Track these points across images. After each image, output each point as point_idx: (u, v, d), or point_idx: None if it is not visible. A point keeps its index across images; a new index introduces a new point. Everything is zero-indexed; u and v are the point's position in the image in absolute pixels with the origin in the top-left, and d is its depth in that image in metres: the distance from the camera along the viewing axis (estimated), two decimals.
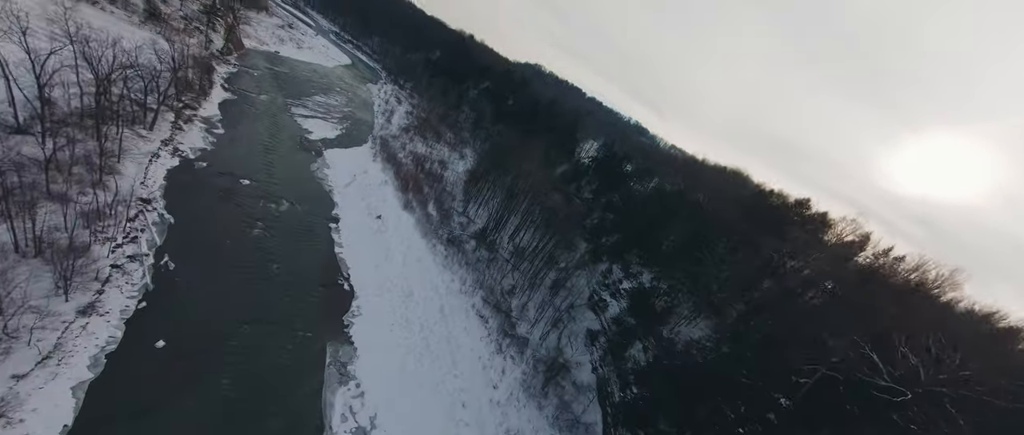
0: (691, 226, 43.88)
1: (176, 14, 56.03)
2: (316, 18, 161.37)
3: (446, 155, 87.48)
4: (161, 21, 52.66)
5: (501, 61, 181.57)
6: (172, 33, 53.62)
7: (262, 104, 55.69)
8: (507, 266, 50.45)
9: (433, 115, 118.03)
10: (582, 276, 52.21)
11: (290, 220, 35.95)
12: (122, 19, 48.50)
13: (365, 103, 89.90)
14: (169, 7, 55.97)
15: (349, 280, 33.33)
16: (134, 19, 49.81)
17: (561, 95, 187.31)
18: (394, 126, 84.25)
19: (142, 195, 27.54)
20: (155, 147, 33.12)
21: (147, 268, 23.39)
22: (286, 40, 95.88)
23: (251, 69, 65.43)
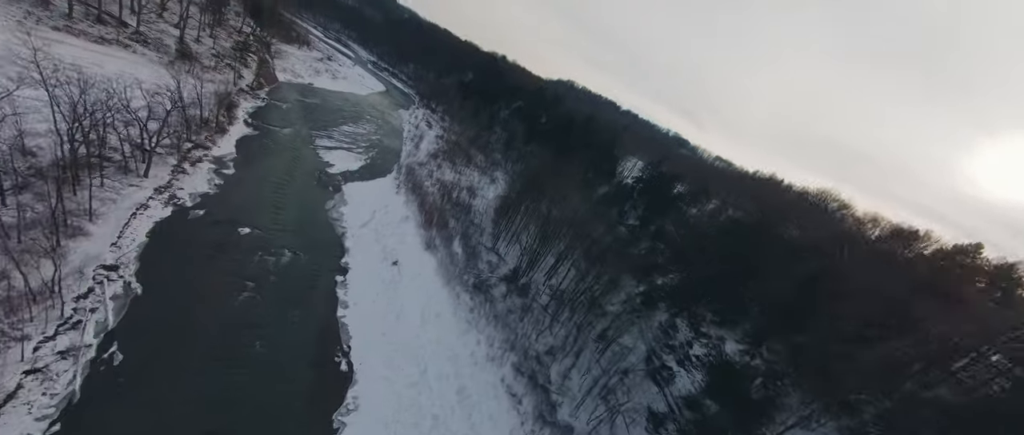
0: (792, 277, 32.89)
1: (208, 53, 55.50)
2: (355, 49, 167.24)
3: (476, 180, 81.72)
4: (192, 60, 51.91)
5: (533, 80, 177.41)
6: (201, 71, 52.84)
7: (284, 138, 52.93)
8: (544, 317, 42.03)
9: (463, 138, 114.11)
10: (634, 326, 42.46)
11: (289, 276, 30.45)
12: (153, 60, 47.75)
13: (395, 130, 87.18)
14: (202, 45, 55.66)
15: (349, 356, 26.72)
16: (164, 59, 49.05)
17: (596, 110, 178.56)
18: (422, 152, 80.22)
19: (108, 261, 22.94)
20: (146, 196, 29.24)
21: (82, 367, 18.01)
22: (322, 72, 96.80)
23: (281, 102, 64.16)
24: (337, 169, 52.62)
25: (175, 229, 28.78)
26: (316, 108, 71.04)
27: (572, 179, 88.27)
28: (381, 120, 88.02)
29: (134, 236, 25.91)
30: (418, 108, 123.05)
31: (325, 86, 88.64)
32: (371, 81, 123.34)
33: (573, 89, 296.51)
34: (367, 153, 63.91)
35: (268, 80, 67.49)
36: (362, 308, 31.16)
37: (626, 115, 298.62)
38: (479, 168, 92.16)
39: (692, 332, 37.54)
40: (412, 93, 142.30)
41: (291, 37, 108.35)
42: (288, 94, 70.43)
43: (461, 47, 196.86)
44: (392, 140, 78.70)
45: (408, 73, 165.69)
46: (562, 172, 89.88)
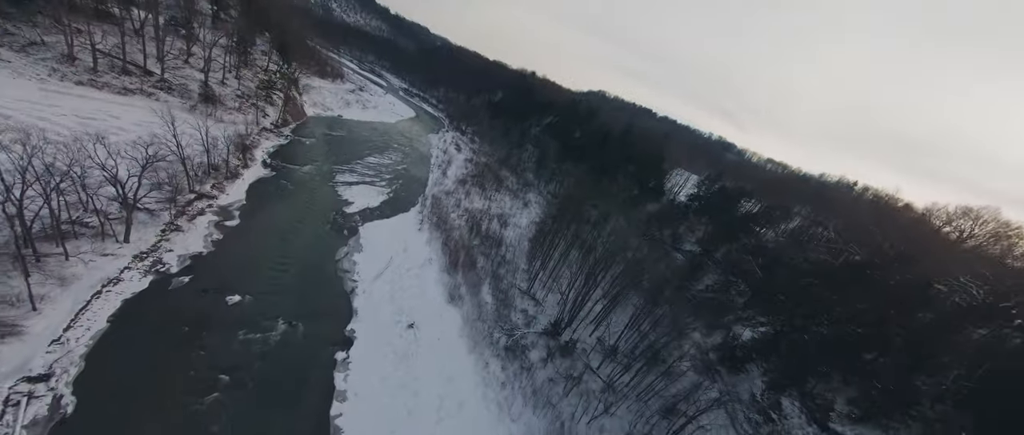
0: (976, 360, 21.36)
1: (232, 94, 54.09)
2: (388, 78, 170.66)
3: (507, 206, 74.59)
4: (214, 103, 50.36)
5: (564, 94, 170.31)
6: (224, 113, 51.19)
7: (303, 177, 49.28)
8: (595, 395, 32.72)
9: (494, 159, 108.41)
10: (719, 408, 31.86)
11: (278, 360, 24.38)
12: (176, 107, 46.19)
13: (422, 157, 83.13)
14: (226, 87, 54.46)
15: None
16: (187, 104, 47.54)
17: (632, 119, 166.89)
18: (450, 179, 74.95)
19: (37, 369, 17.88)
20: (120, 266, 24.83)
21: None
22: (352, 103, 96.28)
23: (306, 137, 61.85)
24: (356, 207, 47.78)
25: (148, 306, 23.92)
26: (342, 141, 68.39)
27: (614, 199, 78.47)
28: (409, 147, 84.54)
29: (90, 323, 21.06)
30: (448, 131, 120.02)
31: (354, 117, 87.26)
32: (401, 108, 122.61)
33: (605, 99, 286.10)
34: (391, 185, 59.19)
35: (295, 116, 65.84)
36: (365, 399, 24.25)
37: (664, 122, 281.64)
38: (511, 192, 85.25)
39: (813, 425, 26.41)
40: (442, 117, 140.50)
41: (325, 72, 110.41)
42: (315, 128, 68.53)
43: (490, 68, 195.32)
44: (419, 168, 74.20)
45: (438, 97, 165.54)
46: (603, 191, 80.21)
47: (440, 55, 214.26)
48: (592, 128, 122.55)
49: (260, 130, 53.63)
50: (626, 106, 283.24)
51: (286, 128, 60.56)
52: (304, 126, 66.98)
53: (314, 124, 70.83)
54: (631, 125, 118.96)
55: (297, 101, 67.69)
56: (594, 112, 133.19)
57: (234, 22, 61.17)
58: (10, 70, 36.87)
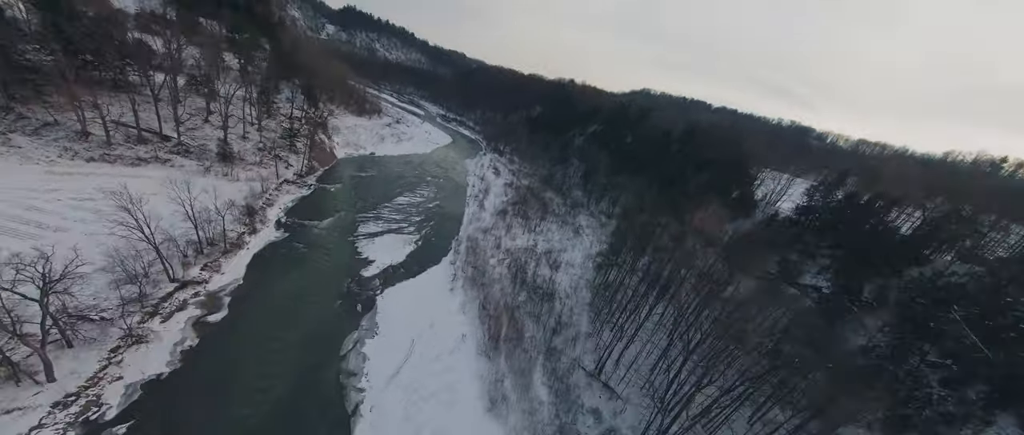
0: None
1: (253, 148, 50.02)
2: (425, 106, 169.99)
3: (556, 238, 62.57)
4: (232, 161, 46.19)
5: (607, 98, 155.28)
6: (243, 169, 46.86)
7: (320, 235, 42.47)
8: None
9: (535, 179, 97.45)
10: None
11: None
12: (191, 170, 42.30)
13: (457, 187, 74.89)
14: (247, 142, 50.63)
15: None
16: (203, 166, 43.51)
17: (686, 115, 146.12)
18: (488, 212, 65.32)
19: None
20: (32, 423, 17.62)
21: None
22: (386, 138, 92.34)
23: (331, 183, 56.42)
24: (377, 267, 39.48)
25: None
26: (371, 182, 62.33)
27: (693, 216, 62.74)
28: (443, 178, 76.97)
29: None
30: (485, 154, 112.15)
31: (388, 152, 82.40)
32: (438, 135, 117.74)
33: (651, 98, 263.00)
34: (420, 230, 50.76)
35: (323, 161, 61.18)
36: None
37: (722, 113, 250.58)
38: (558, 217, 73.14)
39: None
40: (479, 138, 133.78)
41: (363, 109, 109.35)
42: (344, 171, 63.48)
43: (526, 83, 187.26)
44: (453, 202, 65.61)
45: (475, 119, 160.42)
46: (674, 207, 64.94)
47: (475, 78, 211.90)
48: (645, 131, 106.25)
49: (280, 184, 48.54)
50: (676, 102, 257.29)
51: (312, 176, 55.52)
52: (333, 171, 62.15)
53: (344, 166, 66.09)
54: (693, 122, 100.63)
55: (325, 145, 63.27)
56: (645, 113, 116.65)
57: (260, 73, 58.37)
58: (19, 156, 34.47)
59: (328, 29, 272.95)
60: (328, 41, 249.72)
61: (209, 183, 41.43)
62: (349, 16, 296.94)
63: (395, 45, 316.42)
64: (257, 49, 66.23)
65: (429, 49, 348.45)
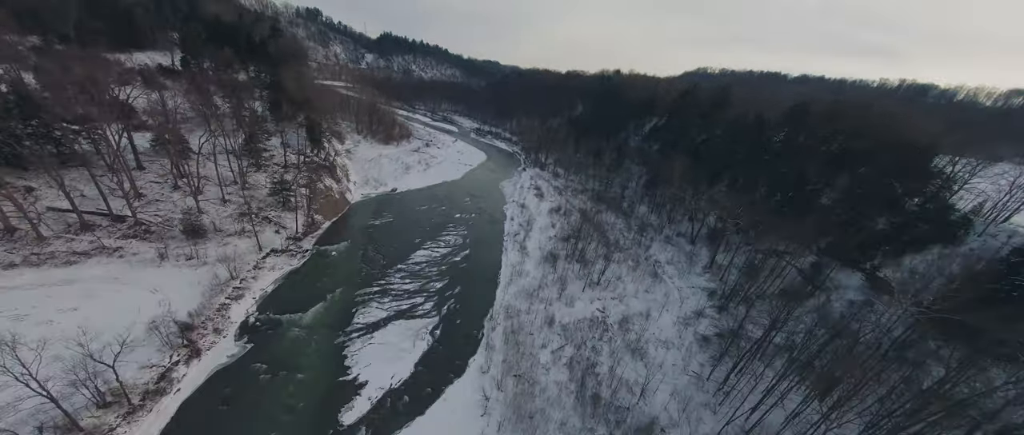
0: None
1: (235, 213, 39.45)
2: (459, 122, 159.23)
3: (630, 290, 43.88)
4: (202, 237, 35.69)
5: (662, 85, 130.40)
6: (218, 244, 36.20)
7: (297, 340, 29.59)
8: None
9: (587, 196, 78.75)
10: None
11: None
12: (141, 261, 32.18)
13: (492, 223, 59.57)
14: (228, 205, 40.27)
15: None
16: (159, 250, 33.20)
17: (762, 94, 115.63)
18: (532, 259, 48.92)
19: None
20: None
21: None
22: (413, 166, 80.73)
23: (335, 243, 44.48)
24: (367, 395, 25.25)
25: None
26: (385, 233, 49.58)
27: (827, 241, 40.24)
28: (475, 212, 62.29)
29: None
30: (524, 170, 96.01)
31: (412, 185, 70.15)
32: (471, 154, 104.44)
33: (711, 77, 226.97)
34: (440, 308, 36.04)
35: (330, 211, 49.83)
36: None
37: (807, 83, 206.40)
38: (626, 252, 54.15)
39: None
40: (516, 151, 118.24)
41: (391, 136, 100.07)
42: (354, 221, 51.67)
43: (564, 81, 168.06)
44: (487, 249, 50.27)
45: (511, 128, 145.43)
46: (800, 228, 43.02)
47: (509, 85, 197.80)
48: (729, 121, 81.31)
49: (264, 258, 37.09)
50: (741, 78, 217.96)
51: (311, 236, 43.98)
52: (341, 223, 50.60)
53: (357, 213, 54.48)
54: (798, 99, 73.71)
55: (333, 192, 52.00)
56: (724, 96, 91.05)
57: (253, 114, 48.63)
58: None
59: (367, 58, 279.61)
60: (366, 69, 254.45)
61: (161, 278, 30.75)
62: (386, 43, 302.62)
63: (430, 64, 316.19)
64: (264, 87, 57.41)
65: (463, 62, 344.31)
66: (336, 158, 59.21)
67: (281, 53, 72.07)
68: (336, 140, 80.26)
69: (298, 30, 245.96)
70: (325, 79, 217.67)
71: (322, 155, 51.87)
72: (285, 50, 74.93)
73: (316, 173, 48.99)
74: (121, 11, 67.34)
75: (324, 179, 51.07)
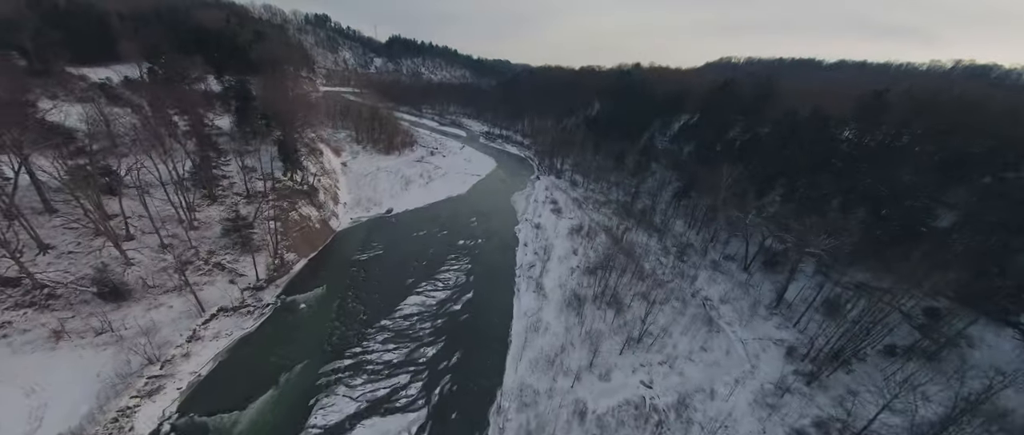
0: None
1: (174, 263, 30.94)
2: (469, 125, 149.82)
3: (682, 350, 32.54)
4: (127, 298, 27.30)
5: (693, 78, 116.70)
6: (147, 306, 27.73)
7: None
8: None
9: (611, 210, 67.63)
10: None
11: None
12: (37, 342, 23.91)
13: (502, 247, 49.61)
14: (172, 251, 31.77)
15: None
16: (54, 326, 24.88)
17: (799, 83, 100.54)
18: (553, 302, 38.65)
19: None
20: None
21: None
22: (413, 180, 71.68)
23: (306, 291, 35.56)
24: None
25: None
26: (371, 271, 40.42)
27: None
28: (482, 236, 52.49)
29: None
30: (538, 178, 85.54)
31: (412, 203, 61.01)
32: (479, 161, 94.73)
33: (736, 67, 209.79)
34: (429, 391, 26.41)
35: (307, 246, 41.11)
36: None
37: (845, 70, 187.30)
38: (666, 288, 43.04)
39: None
40: (529, 156, 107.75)
41: (392, 145, 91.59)
42: (337, 256, 42.79)
43: (579, 78, 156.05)
44: (495, 286, 40.31)
45: (523, 129, 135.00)
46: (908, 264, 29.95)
47: (520, 83, 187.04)
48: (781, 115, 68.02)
49: (206, 322, 28.42)
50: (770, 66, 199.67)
51: (280, 280, 35.21)
52: (320, 258, 41.81)
53: (343, 244, 45.64)
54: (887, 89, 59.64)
55: (311, 221, 43.21)
56: (768, 88, 77.69)
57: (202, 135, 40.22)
58: None
59: (376, 63, 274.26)
60: (375, 74, 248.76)
61: (49, 368, 22.32)
62: (395, 46, 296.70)
63: (439, 65, 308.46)
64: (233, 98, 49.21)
65: (473, 63, 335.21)
66: (320, 179, 50.51)
67: (264, 59, 64.16)
68: (329, 153, 72.16)
69: (307, 37, 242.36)
70: (333, 85, 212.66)
71: (299, 177, 43.19)
72: (269, 55, 67.03)
73: (290, 200, 40.32)
74: (93, 21, 60.86)
75: (300, 207, 42.32)
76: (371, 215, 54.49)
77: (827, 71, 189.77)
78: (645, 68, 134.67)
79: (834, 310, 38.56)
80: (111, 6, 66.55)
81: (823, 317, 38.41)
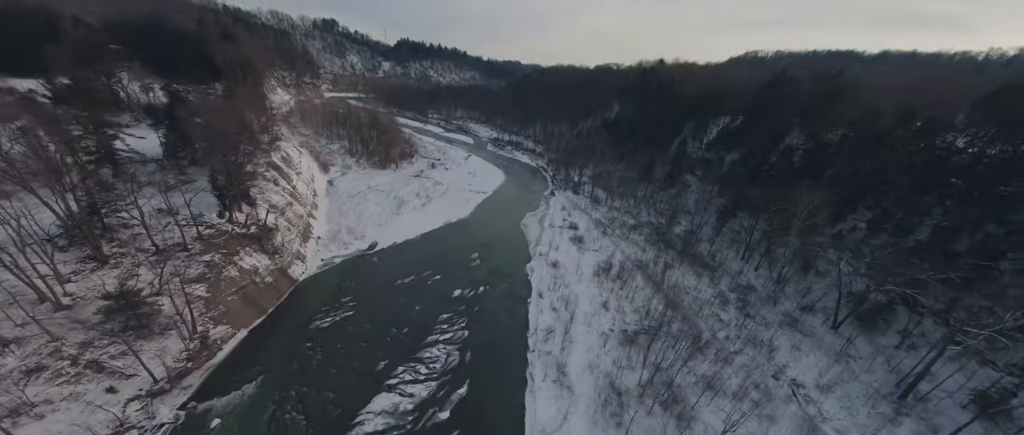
0: None
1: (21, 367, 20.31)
2: (476, 131, 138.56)
3: None
4: None
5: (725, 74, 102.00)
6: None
7: None
8: None
9: (645, 234, 54.78)
10: None
11: None
12: None
13: (509, 299, 37.58)
14: (9, 356, 21.21)
15: None
16: None
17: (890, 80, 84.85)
18: (580, 400, 25.85)
19: None
20: None
21: None
22: (408, 200, 60.65)
23: (233, 391, 24.72)
24: None
25: None
26: (333, 342, 29.29)
27: None
28: (484, 281, 40.58)
29: None
30: (553, 194, 73.32)
31: (402, 233, 49.84)
32: (486, 174, 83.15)
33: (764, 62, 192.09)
34: None
35: (247, 312, 30.31)
36: None
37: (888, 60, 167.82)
38: (734, 365, 29.83)
39: None
40: (542, 167, 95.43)
41: (389, 157, 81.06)
42: (291, 320, 31.82)
43: (594, 77, 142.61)
44: (497, 374, 28.36)
45: (535, 135, 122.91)
46: None
47: (530, 84, 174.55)
48: (855, 118, 53.26)
49: None
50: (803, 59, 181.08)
51: (197, 371, 24.43)
52: (270, 323, 30.97)
53: (304, 298, 34.77)
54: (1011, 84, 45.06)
55: (258, 273, 32.32)
56: (840, 84, 63.04)
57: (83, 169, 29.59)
58: None
59: (384, 66, 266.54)
60: (383, 78, 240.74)
61: None
62: (403, 49, 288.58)
63: (448, 68, 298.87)
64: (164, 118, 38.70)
65: (482, 64, 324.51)
66: (284, 212, 39.75)
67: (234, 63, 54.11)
68: (315, 170, 61.87)
69: (314, 42, 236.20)
70: (340, 90, 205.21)
71: (245, 218, 32.48)
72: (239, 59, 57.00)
73: (226, 251, 29.56)
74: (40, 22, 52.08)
75: (242, 258, 31.51)
76: (349, 253, 43.52)
77: (870, 63, 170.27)
78: (669, 65, 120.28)
79: (987, 401, 25.39)
80: (66, 8, 57.90)
81: (985, 427, 25.25)
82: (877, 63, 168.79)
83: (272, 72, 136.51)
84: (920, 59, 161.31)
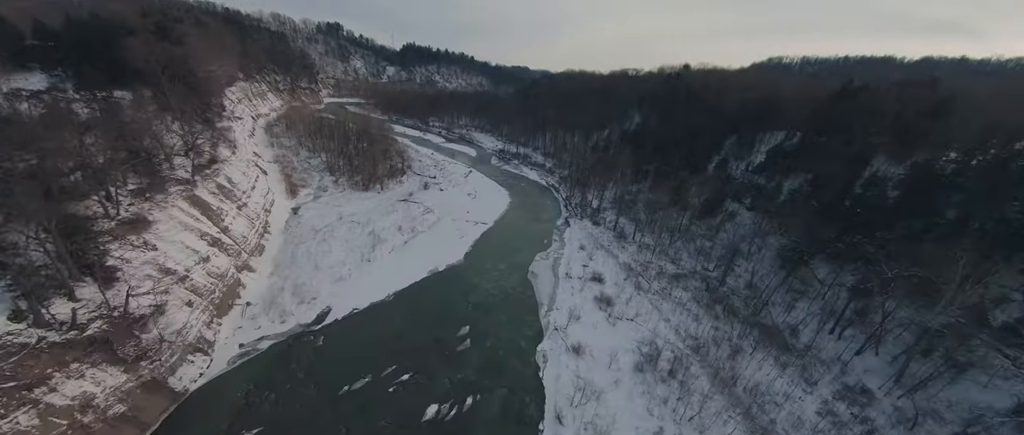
0: None
1: None
2: (480, 141, 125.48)
3: None
4: None
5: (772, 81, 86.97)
6: None
7: None
8: None
9: (692, 298, 39.89)
10: None
11: None
12: None
13: (517, 418, 23.94)
14: None
15: None
16: None
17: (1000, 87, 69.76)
18: None
19: None
20: None
21: None
22: (386, 238, 47.18)
23: None
24: None
25: None
26: None
27: None
28: (476, 375, 26.65)
29: None
30: (568, 225, 59.32)
31: (368, 292, 36.29)
32: (489, 196, 69.53)
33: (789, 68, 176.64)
34: None
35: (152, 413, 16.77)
36: None
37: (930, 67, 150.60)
38: None
39: None
40: (554, 185, 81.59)
41: (375, 176, 68.14)
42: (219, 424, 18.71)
43: (611, 84, 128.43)
44: None
45: (544, 147, 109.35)
46: None
47: (539, 90, 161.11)
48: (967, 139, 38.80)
49: None
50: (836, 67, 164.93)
51: None
52: None
53: (192, 420, 21.68)
54: None
55: (95, 406, 18.96)
56: (946, 94, 48.44)
57: None
58: None
59: (388, 71, 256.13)
60: (387, 83, 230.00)
61: None
62: (408, 54, 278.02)
63: (454, 73, 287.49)
64: None
65: (490, 70, 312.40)
66: (180, 283, 26.70)
67: (158, 64, 41.56)
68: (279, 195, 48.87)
69: (316, 46, 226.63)
70: (342, 95, 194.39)
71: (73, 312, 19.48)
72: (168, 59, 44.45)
73: (29, 376, 16.40)
74: None
75: (62, 382, 18.31)
76: (285, 330, 30.15)
77: (907, 69, 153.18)
78: (696, 70, 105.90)
79: None
80: None
81: None
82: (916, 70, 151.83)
83: (263, 76, 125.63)
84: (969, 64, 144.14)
